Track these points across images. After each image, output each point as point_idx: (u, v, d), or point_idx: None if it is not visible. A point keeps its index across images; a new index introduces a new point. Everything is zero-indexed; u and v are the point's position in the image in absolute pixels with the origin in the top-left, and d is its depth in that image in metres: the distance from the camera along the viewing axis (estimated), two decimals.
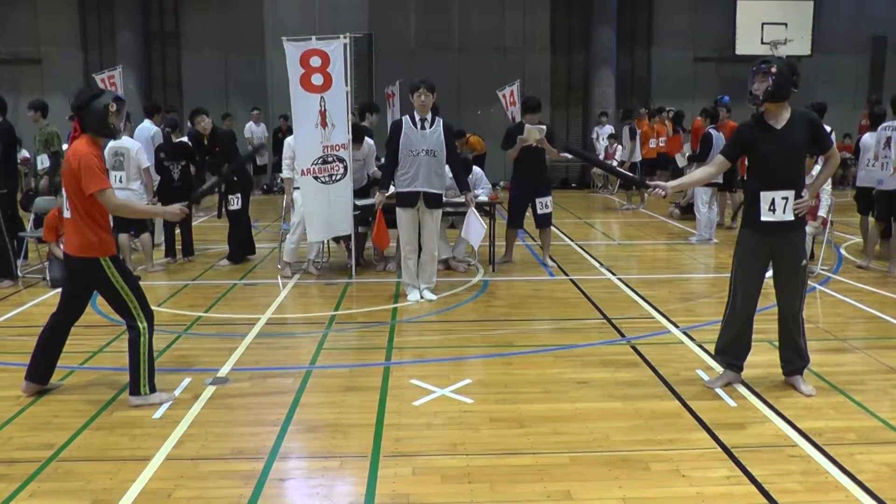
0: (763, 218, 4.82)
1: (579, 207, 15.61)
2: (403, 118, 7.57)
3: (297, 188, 8.74)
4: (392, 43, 19.19)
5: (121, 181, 8.76)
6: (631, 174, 5.22)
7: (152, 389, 4.92)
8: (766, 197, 4.81)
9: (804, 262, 4.92)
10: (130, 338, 4.87)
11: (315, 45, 8.28)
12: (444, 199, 7.93)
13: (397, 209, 7.60)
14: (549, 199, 9.24)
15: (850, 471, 3.92)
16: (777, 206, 4.79)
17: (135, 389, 4.88)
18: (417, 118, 7.46)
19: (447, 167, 7.77)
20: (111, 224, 5.05)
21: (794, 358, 5.09)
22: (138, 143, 9.20)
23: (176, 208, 5.21)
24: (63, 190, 4.96)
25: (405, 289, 7.84)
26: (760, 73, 4.72)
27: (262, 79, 18.96)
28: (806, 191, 4.89)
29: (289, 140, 8.91)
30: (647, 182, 5.21)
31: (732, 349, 5.15)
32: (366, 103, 11.40)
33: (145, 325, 4.88)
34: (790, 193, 4.78)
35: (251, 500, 3.67)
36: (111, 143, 8.88)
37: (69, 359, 5.61)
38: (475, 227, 7.74)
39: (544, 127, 8.91)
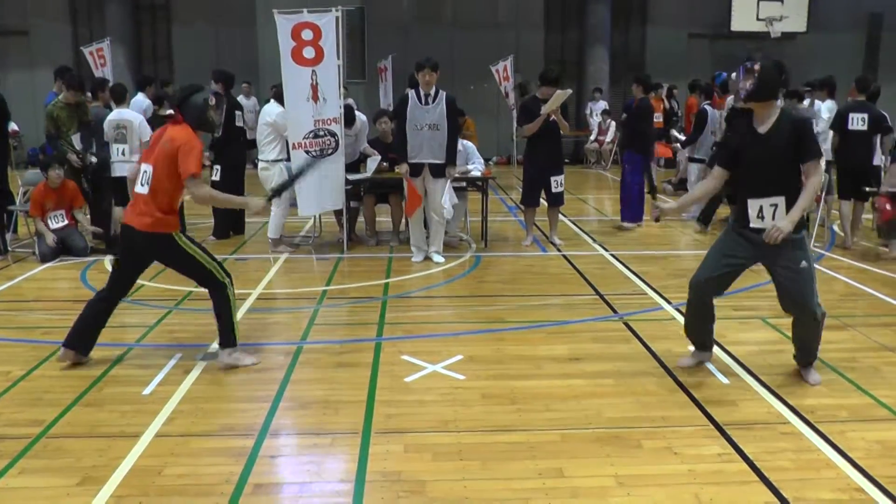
0: (752, 225, 4.55)
1: (572, 183, 15.51)
2: (409, 93, 8.01)
3: (278, 161, 8.66)
4: (385, 16, 18.98)
5: (123, 154, 8.67)
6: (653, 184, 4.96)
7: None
8: (753, 204, 4.54)
9: (803, 262, 4.51)
10: (218, 300, 5.05)
11: (307, 18, 8.18)
12: None
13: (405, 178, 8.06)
14: (562, 178, 9.12)
15: (842, 448, 3.92)
16: (766, 213, 4.50)
17: (229, 341, 5.08)
18: (422, 93, 7.90)
19: None
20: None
21: (805, 356, 4.88)
22: (140, 115, 9.09)
23: (260, 202, 5.28)
24: (144, 166, 4.97)
25: (413, 249, 8.40)
26: (745, 70, 4.46)
27: (254, 52, 18.71)
28: (784, 218, 4.40)
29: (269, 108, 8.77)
30: (657, 195, 5.01)
31: (694, 331, 5.06)
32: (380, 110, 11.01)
33: (228, 281, 5.07)
34: (779, 200, 4.46)
35: (242, 476, 3.65)
36: (112, 116, 8.81)
37: (58, 334, 5.57)
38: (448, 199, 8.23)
39: (570, 91, 8.91)
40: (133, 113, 8.98)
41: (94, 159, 8.66)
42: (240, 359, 5.12)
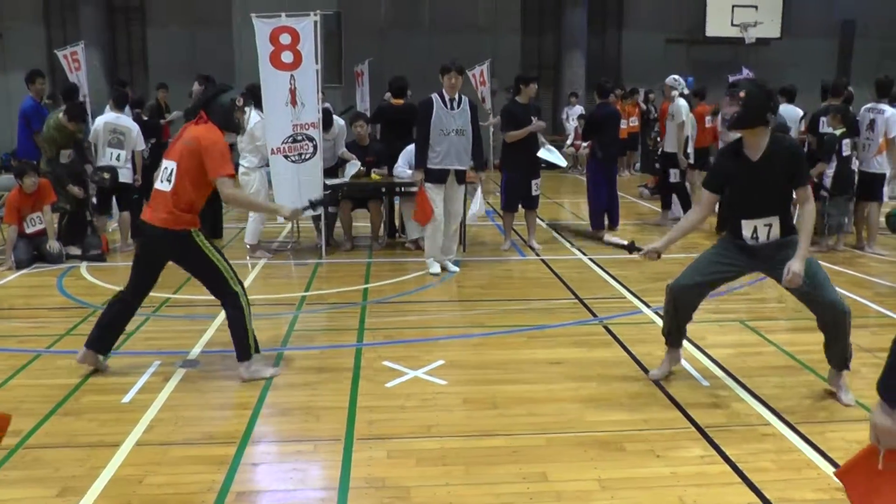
0: (748, 242, 4.51)
1: (548, 188, 15.58)
2: (433, 97, 7.70)
3: (259, 168, 8.66)
4: (362, 21, 18.96)
5: (118, 159, 8.73)
6: (626, 242, 4.64)
7: (257, 349, 5.01)
8: (747, 225, 4.47)
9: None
10: (232, 314, 4.91)
11: (285, 22, 8.15)
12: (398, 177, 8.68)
13: (427, 184, 7.70)
14: (539, 181, 9.16)
15: (822, 448, 3.97)
16: (760, 233, 4.45)
17: (244, 354, 4.93)
18: (447, 98, 7.67)
19: None
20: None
21: (840, 356, 4.62)
22: (137, 126, 9.10)
23: (292, 209, 5.44)
24: (166, 162, 4.86)
25: (427, 261, 8.01)
26: (730, 96, 4.30)
27: (230, 56, 18.62)
28: (795, 259, 4.27)
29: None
30: (641, 247, 4.76)
31: (674, 331, 4.93)
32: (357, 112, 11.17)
33: (240, 289, 4.93)
34: (773, 220, 4.41)
35: (224, 485, 3.62)
36: (109, 120, 8.83)
37: (34, 342, 5.51)
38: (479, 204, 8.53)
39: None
40: (131, 121, 9.10)
41: (107, 175, 8.55)
42: (259, 371, 4.97)
